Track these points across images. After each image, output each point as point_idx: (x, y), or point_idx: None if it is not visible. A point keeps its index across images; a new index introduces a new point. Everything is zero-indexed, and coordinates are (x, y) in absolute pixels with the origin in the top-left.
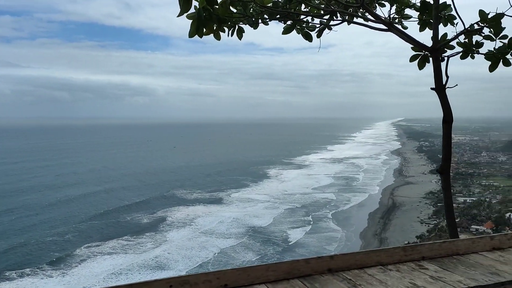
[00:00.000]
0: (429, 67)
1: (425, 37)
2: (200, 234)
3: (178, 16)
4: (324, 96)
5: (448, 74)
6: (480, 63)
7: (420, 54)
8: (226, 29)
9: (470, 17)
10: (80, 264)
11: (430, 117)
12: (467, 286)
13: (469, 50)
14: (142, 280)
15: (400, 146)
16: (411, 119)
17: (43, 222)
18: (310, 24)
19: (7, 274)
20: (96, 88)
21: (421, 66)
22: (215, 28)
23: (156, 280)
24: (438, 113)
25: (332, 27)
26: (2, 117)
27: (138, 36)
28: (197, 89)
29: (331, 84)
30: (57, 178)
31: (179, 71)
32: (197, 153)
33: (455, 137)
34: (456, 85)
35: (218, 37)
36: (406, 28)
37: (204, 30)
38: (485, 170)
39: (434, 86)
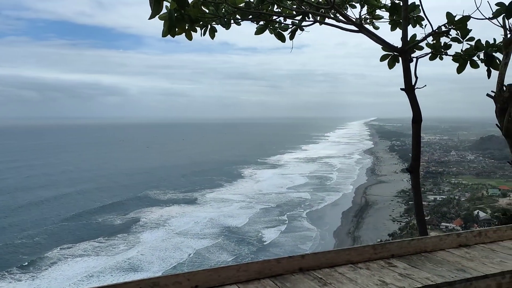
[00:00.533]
0: (399, 67)
1: (396, 38)
2: (175, 235)
3: (149, 18)
4: (298, 96)
5: (418, 75)
6: (448, 64)
7: (390, 54)
8: (198, 29)
9: (438, 20)
10: (51, 267)
11: (401, 117)
12: (434, 283)
13: (437, 52)
14: (112, 282)
15: (373, 146)
16: (383, 118)
17: (13, 224)
18: (282, 24)
19: None
20: (67, 87)
21: (391, 65)
22: (187, 28)
23: (125, 283)
24: (409, 113)
25: (304, 28)
26: None
27: (110, 35)
28: (171, 89)
29: (305, 84)
30: (27, 180)
31: (152, 71)
32: (170, 154)
33: (426, 137)
34: (425, 85)
35: (189, 37)
36: (377, 28)
37: (177, 30)
38: (454, 168)
39: (403, 87)
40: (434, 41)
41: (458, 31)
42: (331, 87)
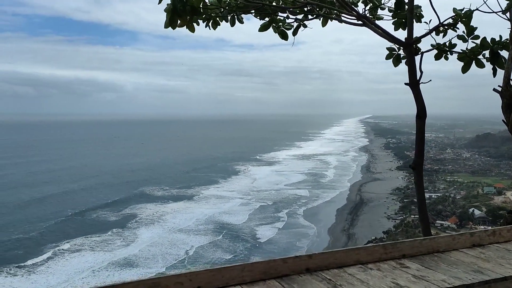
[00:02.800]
0: (401, 64)
1: (399, 37)
2: (175, 232)
3: (159, 3)
4: (293, 93)
5: (422, 70)
6: (445, 61)
7: (395, 53)
8: (201, 22)
9: (444, 16)
10: (48, 262)
11: (397, 114)
12: (452, 286)
13: (442, 50)
14: (110, 283)
15: (368, 143)
16: (379, 116)
17: (19, 220)
18: (286, 23)
19: None
20: (62, 83)
21: (396, 63)
22: (188, 19)
23: (124, 283)
24: (404, 110)
25: (307, 25)
26: None
27: (106, 31)
28: (166, 86)
29: (300, 81)
30: (30, 175)
31: (148, 67)
32: (166, 150)
33: None
34: (430, 80)
35: (192, 30)
36: (380, 18)
37: (179, 22)
38: (450, 166)
39: (407, 82)
40: (442, 34)
41: (464, 26)
42: (326, 84)
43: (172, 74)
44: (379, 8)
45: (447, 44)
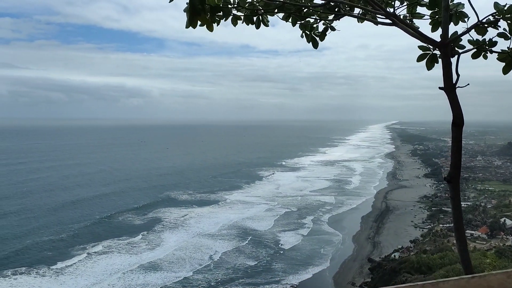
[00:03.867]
0: (435, 68)
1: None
2: (200, 236)
3: (170, 1)
4: (317, 99)
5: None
6: (475, 66)
7: (428, 53)
8: (219, 24)
9: (483, 14)
10: (78, 263)
11: (424, 121)
12: None
13: (481, 49)
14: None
15: (394, 149)
16: (406, 122)
17: (54, 222)
18: (316, 30)
19: (4, 272)
20: (92, 89)
21: (429, 66)
22: (208, 17)
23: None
24: (432, 116)
25: (335, 28)
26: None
27: (135, 39)
28: (191, 91)
29: (324, 86)
30: (65, 179)
31: (174, 73)
32: (191, 155)
33: (450, 141)
34: (468, 84)
35: (211, 29)
36: (419, 17)
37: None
38: (481, 174)
39: (441, 86)
40: (480, 33)
41: (506, 23)
42: (351, 90)
43: (197, 80)
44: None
45: (486, 42)
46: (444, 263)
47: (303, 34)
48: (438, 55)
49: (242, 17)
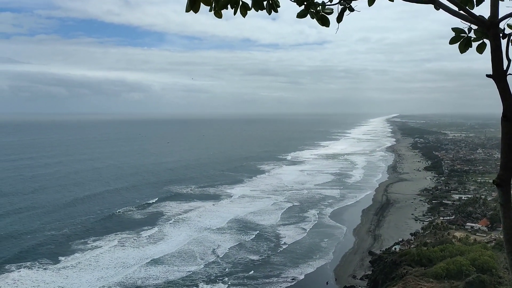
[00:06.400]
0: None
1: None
2: (207, 231)
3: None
4: (318, 92)
5: (510, 58)
6: (475, 59)
7: (464, 35)
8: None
9: None
10: (91, 255)
11: (425, 114)
12: None
13: None
14: None
15: (395, 143)
16: (406, 115)
17: (68, 216)
18: (326, 8)
19: (6, 266)
20: (93, 84)
21: (462, 49)
22: (213, 2)
23: None
24: (433, 109)
25: (353, 8)
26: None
27: (136, 33)
28: (192, 85)
29: (325, 80)
30: (77, 174)
31: (174, 67)
32: (195, 150)
33: (451, 134)
34: None
35: (219, 15)
36: None
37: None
38: (481, 167)
39: (489, 73)
40: None
41: None
42: (352, 83)
43: (198, 73)
44: None
45: None
46: (444, 256)
47: (310, 14)
48: (473, 39)
49: (250, 3)
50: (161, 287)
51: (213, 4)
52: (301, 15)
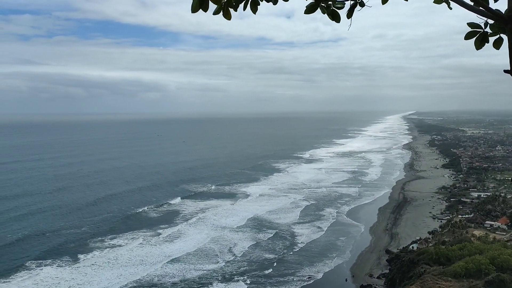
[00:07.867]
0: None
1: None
2: (229, 231)
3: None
4: (333, 90)
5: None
6: (493, 54)
7: (479, 30)
8: (235, 13)
9: None
10: (111, 253)
11: (442, 110)
12: None
13: None
14: None
15: (412, 140)
16: (423, 112)
17: (92, 214)
18: (337, 2)
19: (27, 264)
20: (110, 84)
21: (478, 46)
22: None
23: None
24: (450, 106)
25: (364, 3)
26: (19, 114)
27: (152, 33)
28: (207, 84)
29: (341, 77)
30: (99, 173)
31: (190, 67)
32: (213, 149)
33: (469, 131)
34: None
35: (228, 16)
36: None
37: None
38: (500, 164)
39: (506, 69)
40: None
41: None
42: (368, 80)
43: (213, 73)
44: None
45: None
46: (463, 254)
47: (320, 8)
48: (489, 34)
49: None
50: (179, 285)
51: (222, 1)
52: (309, 9)
